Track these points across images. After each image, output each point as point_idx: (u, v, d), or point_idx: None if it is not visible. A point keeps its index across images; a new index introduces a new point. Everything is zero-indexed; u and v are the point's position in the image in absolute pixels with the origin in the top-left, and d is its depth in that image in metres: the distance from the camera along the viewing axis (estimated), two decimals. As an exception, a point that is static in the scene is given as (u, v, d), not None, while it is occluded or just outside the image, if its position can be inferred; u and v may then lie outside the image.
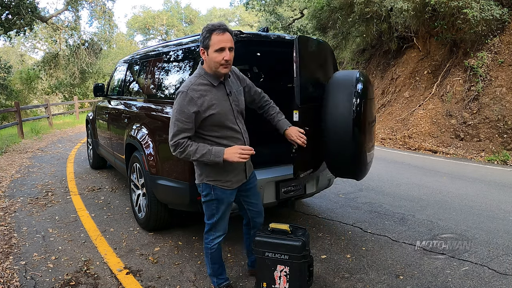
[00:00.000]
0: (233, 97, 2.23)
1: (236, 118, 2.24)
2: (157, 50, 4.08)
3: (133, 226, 3.78)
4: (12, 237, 3.52)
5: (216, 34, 2.04)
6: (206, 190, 2.27)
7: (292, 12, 19.72)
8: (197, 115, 2.09)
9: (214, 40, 2.04)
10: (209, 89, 2.14)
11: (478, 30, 8.30)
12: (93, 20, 22.15)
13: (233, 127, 2.21)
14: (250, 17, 38.72)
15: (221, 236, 2.39)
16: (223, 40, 2.04)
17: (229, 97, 2.21)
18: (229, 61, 2.08)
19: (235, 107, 2.23)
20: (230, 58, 2.09)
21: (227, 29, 2.07)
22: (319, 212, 4.20)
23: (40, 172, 6.32)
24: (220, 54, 2.06)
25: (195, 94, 2.09)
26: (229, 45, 2.07)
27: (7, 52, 29.73)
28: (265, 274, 2.35)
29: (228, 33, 2.06)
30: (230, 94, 2.22)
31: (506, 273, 2.79)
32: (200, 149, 2.10)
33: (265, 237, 2.36)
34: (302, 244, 2.27)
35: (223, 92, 2.19)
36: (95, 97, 5.98)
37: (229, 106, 2.20)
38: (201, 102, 2.09)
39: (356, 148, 2.68)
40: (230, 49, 2.08)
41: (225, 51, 2.05)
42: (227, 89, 2.21)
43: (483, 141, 7.82)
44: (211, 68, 2.12)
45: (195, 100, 2.08)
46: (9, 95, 20.48)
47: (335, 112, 2.66)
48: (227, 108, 2.19)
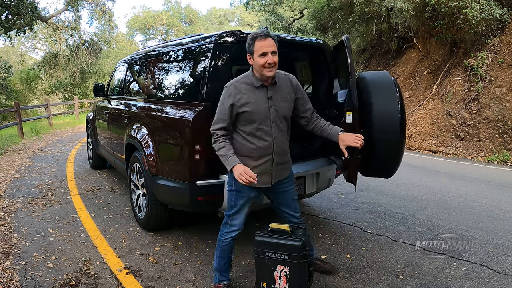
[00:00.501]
0: (274, 102, 2.31)
1: (272, 122, 2.31)
2: (157, 50, 4.08)
3: (133, 226, 3.78)
4: (12, 237, 3.52)
5: (258, 40, 2.21)
6: (230, 180, 2.41)
7: (292, 12, 19.72)
8: (233, 108, 2.27)
9: (257, 46, 2.21)
10: (249, 89, 2.29)
11: (478, 30, 8.30)
12: (93, 20, 22.24)
13: (264, 128, 2.31)
14: (250, 17, 38.71)
15: (235, 231, 2.45)
16: (265, 46, 2.19)
17: (268, 100, 2.31)
18: (272, 64, 2.21)
19: (273, 111, 2.31)
20: (273, 61, 2.21)
21: (269, 34, 2.23)
22: (319, 212, 4.20)
23: (40, 172, 6.32)
24: (263, 58, 2.20)
25: (234, 90, 2.29)
26: (271, 49, 2.20)
27: (7, 52, 29.73)
28: (265, 274, 2.35)
29: (269, 38, 2.21)
30: (271, 98, 2.31)
31: (506, 273, 2.79)
32: (223, 149, 2.29)
33: (265, 237, 2.35)
34: (302, 244, 2.27)
35: (263, 95, 2.30)
36: (95, 97, 5.98)
37: (266, 108, 2.30)
38: (238, 98, 2.27)
39: (400, 147, 2.75)
40: (273, 53, 2.21)
41: (267, 55, 2.19)
42: (268, 93, 2.31)
43: (483, 141, 7.82)
44: (257, 71, 2.27)
45: (233, 95, 2.27)
46: (9, 95, 20.48)
47: (384, 113, 2.68)
48: (263, 109, 2.29)
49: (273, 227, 2.39)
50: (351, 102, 2.55)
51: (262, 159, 2.33)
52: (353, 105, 2.54)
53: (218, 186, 2.90)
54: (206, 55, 2.97)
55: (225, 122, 2.30)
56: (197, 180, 2.88)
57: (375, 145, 2.71)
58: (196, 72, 3.10)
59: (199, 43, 3.19)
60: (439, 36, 9.76)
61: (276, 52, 2.22)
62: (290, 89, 2.39)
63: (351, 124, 2.55)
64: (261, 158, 2.32)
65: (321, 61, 3.50)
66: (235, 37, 2.96)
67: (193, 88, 3.08)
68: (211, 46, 2.95)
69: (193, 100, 2.98)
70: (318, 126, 2.50)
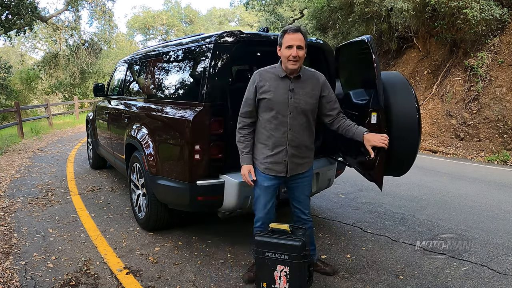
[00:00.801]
0: (295, 94, 2.38)
1: (290, 113, 2.38)
2: (157, 50, 4.08)
3: (133, 226, 3.78)
4: (12, 237, 3.52)
5: (288, 33, 2.29)
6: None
7: (292, 12, 19.73)
8: (256, 93, 2.41)
9: (286, 38, 2.30)
10: (274, 78, 2.40)
11: (478, 30, 8.30)
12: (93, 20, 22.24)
13: (281, 118, 2.38)
14: (250, 17, 38.71)
15: (258, 221, 2.54)
16: (293, 39, 2.27)
17: (289, 92, 2.37)
18: (296, 57, 2.28)
19: (293, 103, 2.37)
20: (298, 55, 2.28)
21: (299, 29, 2.30)
22: (319, 212, 4.20)
23: (40, 172, 6.32)
24: (289, 51, 2.28)
25: (259, 77, 2.42)
26: (298, 43, 2.27)
27: (7, 52, 29.73)
28: (265, 274, 2.35)
29: (299, 33, 2.29)
30: (292, 90, 2.38)
31: (506, 273, 2.79)
32: (241, 145, 2.48)
33: (265, 237, 2.36)
34: (302, 244, 2.27)
35: (285, 86, 2.38)
36: (95, 97, 5.98)
37: (286, 99, 2.37)
38: (261, 84, 2.40)
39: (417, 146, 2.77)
40: (299, 47, 2.28)
41: (293, 48, 2.27)
42: (291, 85, 2.38)
43: (483, 141, 7.82)
44: (283, 63, 2.36)
45: (257, 81, 2.42)
46: (9, 95, 20.47)
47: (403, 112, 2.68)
48: (282, 99, 2.37)
49: (273, 227, 2.39)
50: (377, 103, 2.55)
51: (277, 149, 2.41)
52: (379, 106, 2.55)
53: (218, 186, 2.90)
54: (206, 55, 2.97)
55: (250, 106, 2.44)
56: (197, 180, 2.88)
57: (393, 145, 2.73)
58: (196, 72, 3.10)
59: (199, 43, 3.19)
60: (439, 36, 9.76)
61: (302, 47, 2.29)
62: (315, 86, 2.43)
63: (376, 124, 2.56)
64: (275, 148, 2.41)
65: (321, 61, 3.50)
66: (235, 37, 2.96)
67: (193, 88, 3.08)
68: (211, 46, 2.95)
69: (193, 100, 2.98)
70: (344, 126, 2.51)
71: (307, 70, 2.46)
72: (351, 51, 3.05)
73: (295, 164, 2.47)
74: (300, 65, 2.36)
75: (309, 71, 2.46)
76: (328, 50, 3.53)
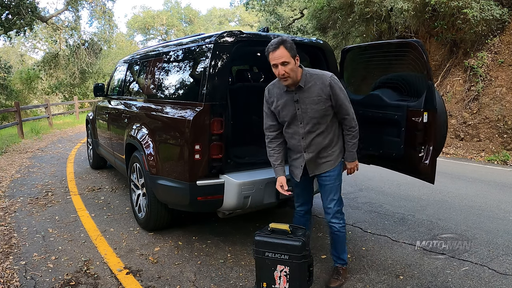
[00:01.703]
0: (301, 105, 2.40)
1: (301, 122, 2.43)
2: (157, 50, 4.08)
3: (133, 226, 3.77)
4: (12, 237, 3.52)
5: (270, 53, 2.28)
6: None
7: (292, 12, 19.71)
8: (269, 108, 2.52)
9: (270, 58, 2.30)
10: (280, 93, 2.46)
11: (478, 30, 8.29)
12: (93, 20, 22.24)
13: (295, 128, 2.47)
14: (250, 17, 38.70)
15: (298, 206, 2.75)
16: (275, 57, 2.27)
17: (295, 104, 2.41)
18: (284, 74, 2.28)
19: (301, 113, 2.42)
20: (285, 72, 2.27)
21: (279, 45, 2.25)
22: (319, 212, 4.19)
23: (40, 172, 6.32)
24: (276, 70, 2.31)
25: (268, 93, 2.53)
26: (281, 60, 2.26)
27: (7, 52, 29.70)
28: (265, 274, 2.35)
29: (279, 49, 2.25)
30: (297, 102, 2.41)
31: (506, 273, 2.79)
32: (271, 158, 2.57)
33: (265, 237, 2.36)
34: (302, 244, 2.28)
35: (290, 97, 2.42)
36: (95, 97, 5.98)
37: (294, 110, 2.43)
38: (271, 100, 2.50)
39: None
40: (283, 63, 2.26)
41: (278, 67, 2.28)
42: (295, 96, 2.41)
43: (483, 141, 7.82)
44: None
45: (268, 97, 2.53)
46: (9, 95, 20.45)
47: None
48: (291, 112, 2.43)
49: (273, 227, 2.39)
50: (431, 103, 2.64)
51: (295, 155, 2.55)
52: (433, 106, 2.64)
53: (218, 186, 2.90)
54: (206, 55, 2.97)
55: (270, 120, 2.54)
56: (197, 180, 2.88)
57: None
58: (196, 72, 3.10)
59: (199, 43, 3.19)
60: (439, 36, 9.76)
61: (287, 62, 2.26)
62: (322, 91, 2.37)
63: (427, 123, 2.66)
64: (295, 154, 2.55)
65: (321, 61, 3.50)
66: (235, 37, 2.96)
67: (193, 88, 3.08)
68: (211, 46, 2.95)
69: (193, 100, 2.98)
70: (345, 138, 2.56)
71: (311, 75, 2.39)
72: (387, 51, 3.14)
73: (316, 166, 2.54)
74: (293, 77, 2.31)
75: (313, 75, 2.39)
76: (328, 50, 3.54)
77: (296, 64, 2.31)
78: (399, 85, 2.96)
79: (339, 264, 2.71)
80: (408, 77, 2.91)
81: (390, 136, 2.91)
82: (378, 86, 3.15)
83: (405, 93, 2.93)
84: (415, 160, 2.77)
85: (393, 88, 3.01)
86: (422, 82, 2.74)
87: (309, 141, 2.46)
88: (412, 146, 2.76)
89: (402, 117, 2.77)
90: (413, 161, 2.80)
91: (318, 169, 2.55)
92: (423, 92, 2.70)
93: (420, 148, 2.71)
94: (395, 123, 2.84)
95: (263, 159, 3.27)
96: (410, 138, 2.76)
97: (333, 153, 2.53)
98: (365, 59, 3.40)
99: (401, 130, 2.79)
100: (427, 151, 2.67)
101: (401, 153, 2.83)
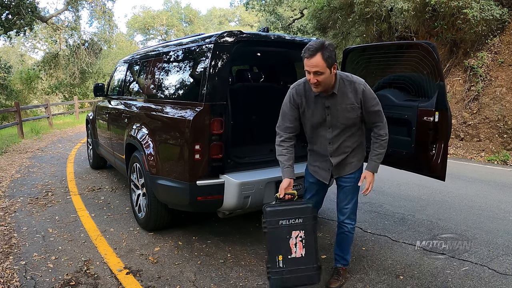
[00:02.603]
0: (332, 111, 2.32)
1: (329, 128, 2.37)
2: (157, 50, 4.08)
3: (133, 226, 3.77)
4: (12, 237, 3.52)
5: (305, 58, 2.16)
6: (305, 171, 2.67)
7: (292, 12, 19.71)
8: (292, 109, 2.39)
9: (304, 62, 2.18)
10: (308, 95, 2.35)
11: (478, 30, 8.29)
12: (93, 20, 22.23)
13: (322, 133, 2.40)
14: (250, 17, 38.70)
15: None
16: (308, 65, 2.15)
17: (326, 109, 2.33)
18: (315, 83, 2.17)
19: (330, 120, 2.34)
20: (316, 81, 2.16)
21: (315, 52, 2.10)
22: (319, 212, 4.18)
23: (40, 172, 6.32)
24: (308, 75, 2.19)
25: (295, 93, 2.38)
26: (314, 70, 2.13)
27: (7, 52, 29.70)
28: (280, 245, 2.28)
29: (314, 57, 2.11)
30: (328, 108, 2.32)
31: (506, 273, 2.79)
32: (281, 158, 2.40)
33: (276, 207, 2.32)
34: (312, 206, 2.33)
35: (321, 103, 2.33)
36: (95, 97, 5.98)
37: (323, 116, 2.35)
38: (299, 102, 2.37)
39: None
40: (316, 73, 2.13)
41: (310, 74, 2.16)
42: (326, 102, 2.32)
43: (483, 141, 7.82)
44: None
45: (295, 97, 2.38)
46: (9, 95, 20.44)
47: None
48: (319, 117, 2.35)
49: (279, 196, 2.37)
50: (442, 103, 2.68)
51: (321, 159, 2.48)
52: (444, 106, 2.68)
53: (218, 186, 2.90)
54: (206, 55, 2.97)
55: (290, 122, 2.40)
56: (197, 180, 2.88)
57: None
58: (196, 72, 3.11)
59: (199, 43, 3.19)
60: (439, 36, 9.76)
61: (320, 73, 2.12)
62: (353, 99, 2.29)
63: (438, 123, 2.71)
64: (321, 157, 2.48)
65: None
66: (235, 37, 2.96)
67: (193, 88, 3.09)
68: (211, 46, 2.95)
69: (193, 100, 2.98)
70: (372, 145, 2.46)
71: (345, 81, 2.29)
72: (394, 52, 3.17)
73: (339, 169, 2.50)
74: (325, 86, 2.21)
75: (347, 81, 2.29)
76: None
77: (332, 73, 2.18)
78: (406, 85, 2.99)
79: (340, 265, 2.71)
80: (416, 78, 2.92)
81: (400, 135, 2.93)
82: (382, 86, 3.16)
83: (412, 93, 2.95)
84: (426, 158, 2.81)
85: (399, 88, 3.03)
86: (429, 83, 2.76)
87: (337, 146, 2.40)
88: (423, 145, 2.79)
89: (413, 117, 2.80)
90: (424, 159, 2.83)
91: (343, 171, 2.51)
92: (430, 92, 2.73)
93: (432, 147, 2.76)
94: (405, 123, 2.87)
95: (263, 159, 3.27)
96: (421, 137, 2.79)
97: (357, 155, 2.51)
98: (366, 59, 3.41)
99: (412, 129, 2.83)
100: (437, 149, 2.74)
101: (412, 151, 2.86)
